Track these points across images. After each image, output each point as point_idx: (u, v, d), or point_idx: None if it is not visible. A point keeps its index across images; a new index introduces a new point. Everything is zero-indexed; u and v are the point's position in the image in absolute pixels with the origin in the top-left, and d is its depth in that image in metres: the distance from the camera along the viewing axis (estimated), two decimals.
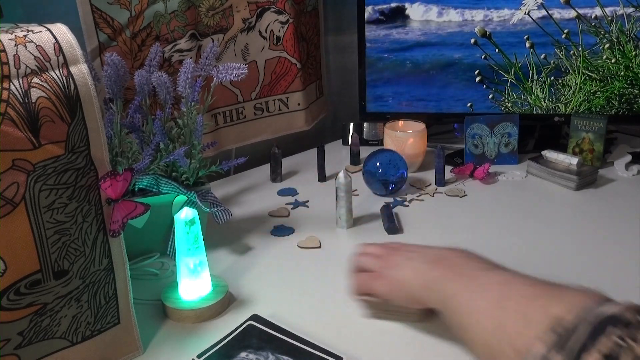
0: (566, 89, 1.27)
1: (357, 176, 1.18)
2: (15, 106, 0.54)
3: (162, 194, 0.88)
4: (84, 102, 0.58)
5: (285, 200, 1.12)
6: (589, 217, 1.03)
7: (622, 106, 1.26)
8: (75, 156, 0.59)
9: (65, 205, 0.59)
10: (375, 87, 1.34)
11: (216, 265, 0.89)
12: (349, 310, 0.78)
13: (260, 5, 1.24)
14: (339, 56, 1.52)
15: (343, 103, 1.54)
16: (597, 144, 1.19)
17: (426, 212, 1.06)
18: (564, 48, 1.25)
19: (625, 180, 1.17)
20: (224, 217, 0.89)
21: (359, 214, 1.04)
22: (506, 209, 1.07)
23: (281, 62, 1.30)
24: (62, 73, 0.57)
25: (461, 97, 1.32)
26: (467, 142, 1.24)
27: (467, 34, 1.28)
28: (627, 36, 1.22)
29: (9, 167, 0.55)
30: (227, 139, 1.27)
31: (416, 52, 1.31)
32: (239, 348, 0.68)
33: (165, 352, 0.71)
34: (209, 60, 0.91)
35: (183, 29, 1.12)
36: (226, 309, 0.79)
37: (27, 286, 0.58)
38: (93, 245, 0.62)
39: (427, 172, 1.22)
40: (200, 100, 0.93)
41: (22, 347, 0.59)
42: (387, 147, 1.20)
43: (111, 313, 0.66)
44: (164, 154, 0.89)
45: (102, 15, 1.02)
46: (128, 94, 0.96)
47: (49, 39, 0.57)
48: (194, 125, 0.90)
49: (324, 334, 0.72)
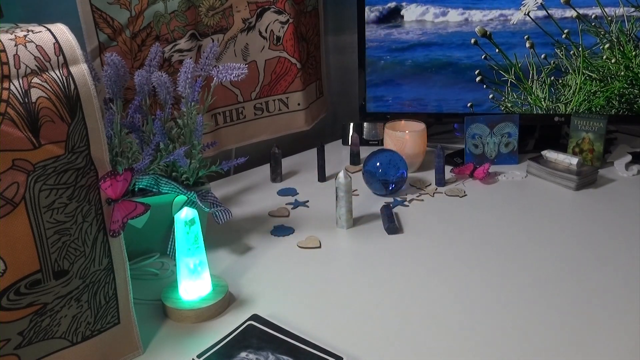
0: (566, 89, 1.27)
1: (357, 176, 1.18)
2: (15, 106, 0.54)
3: (162, 194, 0.88)
4: (84, 102, 0.58)
5: (285, 200, 1.12)
6: (589, 217, 1.03)
7: (622, 106, 1.26)
8: (75, 156, 0.59)
9: (65, 205, 0.59)
10: (375, 87, 1.34)
11: (216, 265, 0.89)
12: (349, 310, 0.78)
13: (260, 5, 1.24)
14: (339, 56, 1.52)
15: (343, 103, 1.54)
16: (597, 144, 1.19)
17: (426, 212, 1.06)
18: (564, 48, 1.25)
19: (625, 180, 1.17)
20: (224, 217, 0.89)
21: (359, 214, 1.04)
22: (506, 209, 1.07)
23: (281, 62, 1.30)
24: (62, 73, 0.57)
25: (461, 97, 1.32)
26: (467, 142, 1.24)
27: (467, 34, 1.27)
28: (627, 36, 1.21)
29: (9, 167, 0.55)
30: (227, 139, 1.27)
31: (416, 52, 1.31)
32: (239, 348, 0.68)
33: (165, 352, 0.71)
34: (209, 60, 0.91)
35: (183, 29, 1.12)
36: (226, 309, 0.79)
37: (27, 286, 0.58)
38: (93, 245, 0.62)
39: (427, 172, 1.22)
40: (200, 100, 0.93)
41: (22, 347, 0.59)
42: (387, 147, 1.20)
43: (111, 313, 0.66)
44: (164, 154, 0.89)
45: (102, 15, 1.02)
46: (128, 94, 0.96)
47: (49, 39, 0.57)
48: (194, 125, 0.90)
49: (324, 334, 0.72)
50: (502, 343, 0.71)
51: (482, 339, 0.72)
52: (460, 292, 0.82)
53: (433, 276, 0.86)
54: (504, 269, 0.87)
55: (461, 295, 0.81)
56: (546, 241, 0.95)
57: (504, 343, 0.71)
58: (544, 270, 0.86)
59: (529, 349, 0.70)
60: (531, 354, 0.69)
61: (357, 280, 0.86)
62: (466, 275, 0.86)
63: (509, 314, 0.77)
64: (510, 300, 0.79)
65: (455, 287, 0.83)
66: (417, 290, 0.82)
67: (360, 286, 0.84)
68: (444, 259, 0.90)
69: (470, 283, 0.84)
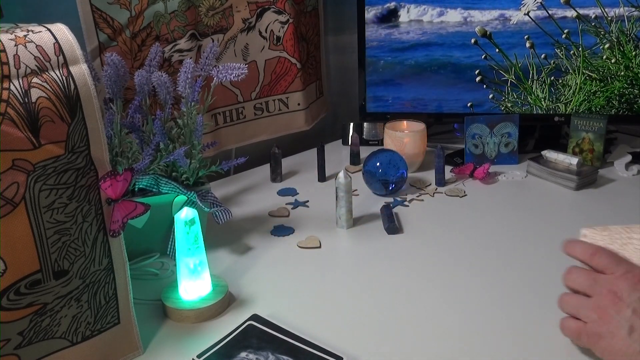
0: (566, 88, 1.27)
1: (357, 176, 1.18)
2: (15, 106, 0.54)
3: (162, 194, 0.88)
4: (84, 102, 0.58)
5: (285, 200, 1.12)
6: (589, 217, 1.03)
7: (622, 106, 1.26)
8: (75, 156, 0.59)
9: (65, 205, 0.59)
10: (375, 87, 1.34)
11: (216, 265, 0.89)
12: (349, 310, 0.78)
13: (260, 5, 1.24)
14: (339, 56, 1.52)
15: (343, 103, 1.54)
16: (597, 144, 1.19)
17: (426, 212, 1.06)
18: (564, 48, 1.25)
19: (625, 180, 1.17)
20: (224, 217, 0.89)
21: (359, 214, 1.04)
22: (506, 209, 1.07)
23: (281, 62, 1.30)
24: (62, 73, 0.57)
25: (461, 97, 1.32)
26: (467, 142, 1.24)
27: (467, 33, 1.27)
28: (627, 36, 1.21)
29: (9, 167, 0.55)
30: (227, 139, 1.27)
31: (416, 52, 1.31)
32: (239, 348, 0.68)
33: (165, 352, 0.71)
34: (209, 60, 0.91)
35: (183, 29, 1.12)
36: (226, 309, 0.79)
37: (27, 286, 0.58)
38: (93, 245, 0.62)
39: (427, 172, 1.22)
40: (200, 100, 0.93)
41: (22, 347, 0.59)
42: (387, 147, 1.20)
43: (111, 313, 0.66)
44: (164, 154, 0.89)
45: (102, 15, 1.02)
46: (128, 94, 0.96)
47: (49, 39, 0.57)
48: (194, 125, 0.90)
49: (324, 334, 0.72)
50: (502, 343, 0.71)
51: (482, 339, 0.72)
52: (460, 291, 0.82)
53: (433, 276, 0.86)
54: (504, 268, 0.87)
55: (461, 295, 0.81)
56: (546, 241, 0.95)
57: (504, 343, 0.71)
58: (544, 269, 0.86)
59: (530, 348, 0.70)
60: (531, 353, 0.69)
61: (357, 280, 0.86)
62: (466, 275, 0.86)
63: (509, 313, 0.77)
64: (511, 300, 0.79)
65: (455, 287, 0.83)
66: (417, 290, 0.82)
67: (361, 286, 0.84)
68: (444, 259, 0.90)
69: (470, 283, 0.84)
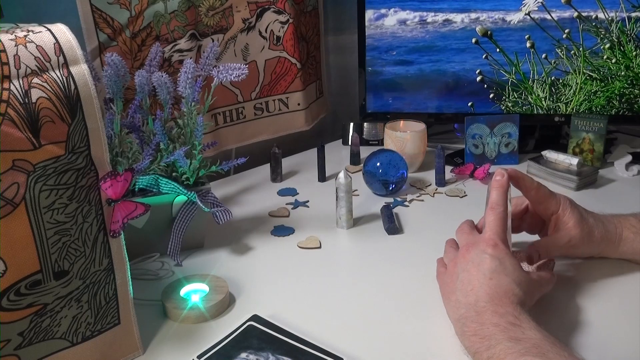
0: (567, 88, 1.27)
1: (357, 176, 1.18)
2: (16, 106, 0.54)
3: (162, 194, 0.88)
4: (84, 102, 0.58)
5: (285, 200, 1.12)
6: None
7: (623, 106, 1.26)
8: (75, 156, 0.59)
9: (65, 206, 0.59)
10: (375, 87, 1.34)
11: (216, 265, 0.89)
12: (350, 311, 0.78)
13: (260, 5, 1.24)
14: (339, 56, 1.52)
15: (343, 103, 1.54)
16: (597, 144, 1.19)
17: (426, 213, 1.06)
18: (565, 48, 1.25)
19: (625, 180, 1.17)
20: (224, 217, 0.89)
21: (359, 214, 1.04)
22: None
23: (281, 62, 1.30)
24: (63, 73, 0.57)
25: (461, 96, 1.32)
26: (467, 142, 1.24)
27: (467, 33, 1.27)
28: (628, 36, 1.21)
29: (9, 168, 0.54)
30: (227, 139, 1.27)
31: (417, 52, 1.31)
32: (239, 348, 0.68)
33: (165, 352, 0.71)
34: (209, 60, 0.91)
35: (183, 29, 1.12)
36: (226, 309, 0.79)
37: (28, 287, 0.58)
38: (93, 246, 0.62)
39: (427, 172, 1.22)
40: (201, 100, 0.93)
41: (22, 348, 0.59)
42: (387, 147, 1.20)
43: (111, 313, 0.66)
44: (164, 154, 0.89)
45: (102, 15, 1.02)
46: (128, 94, 0.96)
47: (49, 39, 0.57)
48: (194, 125, 0.90)
49: (324, 334, 0.72)
50: None
51: None
52: None
53: (433, 276, 0.85)
54: None
55: None
56: None
57: None
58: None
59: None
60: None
61: (357, 280, 0.86)
62: None
63: None
64: None
65: None
66: (418, 291, 0.82)
67: (361, 286, 0.84)
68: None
69: None
